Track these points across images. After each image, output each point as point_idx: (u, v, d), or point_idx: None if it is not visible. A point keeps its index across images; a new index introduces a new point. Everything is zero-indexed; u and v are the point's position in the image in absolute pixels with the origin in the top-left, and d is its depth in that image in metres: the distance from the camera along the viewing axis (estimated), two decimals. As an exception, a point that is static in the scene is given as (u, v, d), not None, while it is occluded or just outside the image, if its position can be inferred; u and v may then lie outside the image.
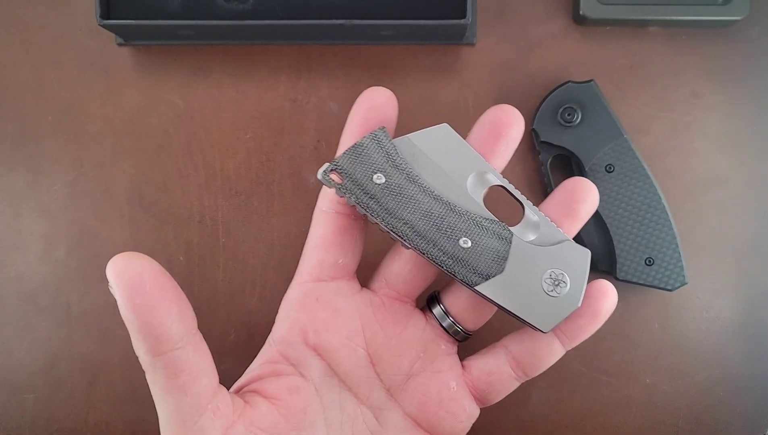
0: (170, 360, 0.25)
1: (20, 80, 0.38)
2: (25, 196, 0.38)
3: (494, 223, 0.27)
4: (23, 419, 0.38)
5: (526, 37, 0.37)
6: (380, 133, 0.27)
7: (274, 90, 0.38)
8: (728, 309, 0.37)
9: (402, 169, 0.27)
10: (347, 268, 0.30)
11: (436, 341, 0.30)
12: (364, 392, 0.30)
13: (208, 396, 0.26)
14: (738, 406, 0.37)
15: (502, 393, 0.30)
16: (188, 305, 0.25)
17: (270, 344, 0.30)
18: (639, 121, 0.37)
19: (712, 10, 0.35)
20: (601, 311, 0.28)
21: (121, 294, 0.23)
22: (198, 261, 0.37)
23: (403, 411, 0.30)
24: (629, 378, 0.37)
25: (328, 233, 0.29)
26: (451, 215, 0.27)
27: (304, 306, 0.29)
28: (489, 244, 0.27)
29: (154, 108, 0.38)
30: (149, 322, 0.24)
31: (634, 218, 0.35)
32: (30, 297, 0.38)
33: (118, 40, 0.37)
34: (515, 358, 0.30)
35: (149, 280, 0.24)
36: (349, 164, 0.27)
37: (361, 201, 0.26)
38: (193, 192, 0.38)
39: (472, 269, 0.27)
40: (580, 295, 0.27)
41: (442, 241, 0.27)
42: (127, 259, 0.24)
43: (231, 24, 0.34)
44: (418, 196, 0.27)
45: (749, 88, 0.37)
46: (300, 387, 0.29)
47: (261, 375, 0.29)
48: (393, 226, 0.27)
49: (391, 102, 0.28)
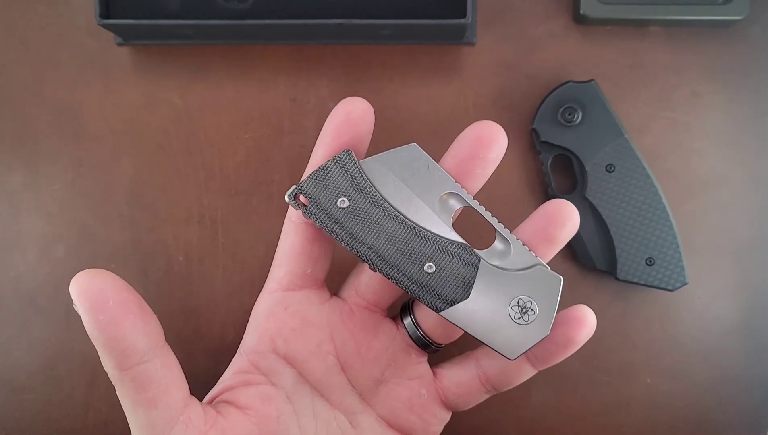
0: (138, 374, 0.25)
1: (19, 80, 0.38)
2: (24, 196, 0.38)
3: (461, 247, 0.26)
4: (22, 419, 0.38)
5: (526, 37, 0.37)
6: (344, 157, 0.27)
7: (273, 90, 0.37)
8: (728, 309, 0.37)
9: (367, 192, 0.26)
10: (316, 278, 0.30)
11: (406, 350, 0.30)
12: (337, 398, 0.30)
13: (179, 408, 0.26)
14: (738, 406, 0.37)
15: (472, 403, 0.31)
16: (154, 319, 0.26)
17: (241, 354, 0.30)
18: (639, 121, 0.37)
19: (712, 9, 0.35)
20: (576, 340, 0.27)
21: (84, 311, 0.24)
22: (197, 261, 0.37)
23: (377, 414, 0.30)
24: (629, 378, 0.37)
25: (297, 243, 0.28)
26: (416, 240, 0.26)
27: (274, 315, 0.29)
28: (454, 269, 0.26)
29: (154, 108, 0.38)
30: (114, 337, 0.24)
31: (635, 218, 0.35)
32: (29, 297, 0.38)
33: (118, 40, 0.37)
34: (485, 373, 0.30)
35: (112, 296, 0.24)
36: (313, 188, 0.26)
37: (326, 225, 0.26)
38: (193, 192, 0.37)
39: (436, 295, 0.26)
40: (549, 322, 0.26)
41: (406, 266, 0.26)
42: (89, 277, 0.24)
43: (230, 24, 0.34)
44: (383, 221, 0.26)
45: (749, 87, 0.37)
46: (272, 396, 0.29)
47: (232, 385, 0.29)
48: (357, 250, 0.26)
49: (367, 115, 0.27)
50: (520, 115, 0.37)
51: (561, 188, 0.37)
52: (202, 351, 0.37)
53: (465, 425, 0.37)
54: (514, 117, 0.37)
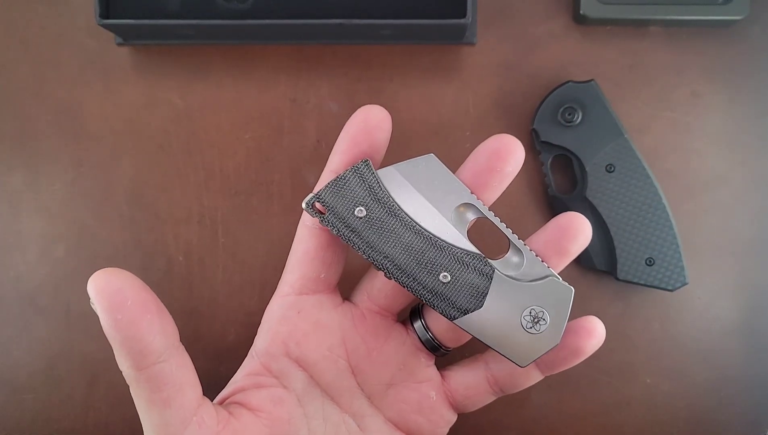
0: (154, 374, 0.25)
1: (20, 80, 0.38)
2: (25, 196, 0.38)
3: (476, 258, 0.27)
4: (22, 419, 0.38)
5: (526, 37, 0.37)
6: (362, 166, 0.27)
7: (273, 90, 0.37)
8: (728, 309, 0.37)
9: (384, 202, 0.27)
10: (329, 282, 0.30)
11: (416, 354, 0.30)
12: (346, 401, 0.30)
13: (192, 408, 0.26)
14: (738, 406, 0.37)
15: (479, 405, 0.31)
16: (170, 319, 0.26)
17: (252, 356, 0.30)
18: (639, 121, 0.37)
19: (712, 9, 0.35)
20: (585, 349, 0.28)
21: (102, 310, 0.24)
22: (197, 261, 0.37)
23: (384, 416, 0.30)
24: (629, 378, 0.37)
25: (311, 248, 0.29)
26: (432, 250, 0.27)
27: (286, 319, 0.29)
28: (469, 279, 0.27)
29: (154, 108, 0.38)
30: (131, 336, 0.24)
31: (635, 218, 0.35)
32: (29, 297, 0.38)
33: (118, 40, 0.37)
34: (494, 375, 0.30)
35: (130, 295, 0.24)
36: (331, 197, 0.27)
37: (343, 233, 0.27)
38: (193, 192, 0.37)
39: (450, 304, 0.27)
40: (560, 332, 0.27)
41: (422, 276, 0.27)
42: (108, 276, 0.24)
43: (230, 24, 0.34)
44: (399, 230, 0.27)
45: (749, 87, 0.37)
46: (283, 398, 0.29)
47: (244, 387, 0.29)
48: (373, 258, 0.27)
49: (384, 123, 0.27)
50: (520, 115, 0.37)
51: (561, 188, 0.37)
52: (202, 351, 0.37)
53: (466, 425, 0.37)
54: (514, 117, 0.37)
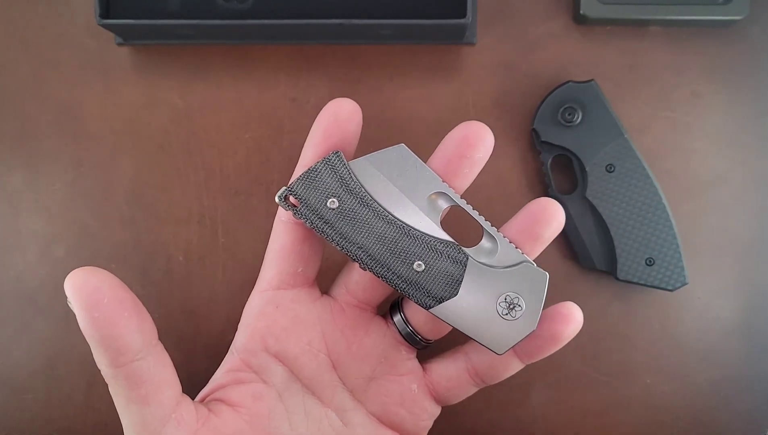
0: (131, 371, 0.25)
1: (19, 80, 0.38)
2: (25, 196, 0.38)
3: (449, 245, 0.27)
4: (22, 419, 0.38)
5: (526, 37, 0.37)
6: (334, 158, 0.27)
7: (273, 90, 0.37)
8: (728, 309, 0.37)
9: (356, 193, 0.27)
10: (307, 276, 0.30)
11: (396, 347, 0.31)
12: (328, 395, 0.30)
13: (171, 406, 0.26)
14: (738, 406, 0.37)
15: (461, 396, 0.31)
16: (148, 317, 0.26)
17: (232, 353, 0.30)
18: (639, 121, 0.37)
19: (712, 9, 0.35)
20: (562, 335, 0.28)
21: (79, 308, 0.24)
22: (197, 261, 0.37)
23: (367, 410, 0.30)
24: (629, 378, 0.37)
25: (287, 243, 0.29)
26: (405, 239, 0.27)
27: (265, 314, 0.29)
28: (443, 267, 0.27)
29: (154, 108, 0.38)
30: (108, 334, 0.24)
31: (635, 218, 0.35)
32: (29, 297, 0.38)
33: (118, 40, 0.37)
34: (474, 366, 0.30)
35: (107, 293, 0.24)
36: (303, 190, 0.27)
37: (316, 226, 0.27)
38: (193, 192, 0.37)
39: (425, 293, 0.27)
40: (536, 318, 0.27)
41: (396, 265, 0.27)
42: (85, 274, 0.24)
43: (230, 24, 0.34)
44: (372, 220, 0.27)
45: (749, 87, 0.37)
46: (263, 393, 0.29)
47: (224, 383, 0.29)
48: (347, 249, 0.27)
49: (355, 116, 0.28)
50: (520, 115, 0.37)
51: (561, 188, 0.37)
52: (202, 351, 0.37)
53: (465, 426, 0.37)
54: (514, 117, 0.37)
